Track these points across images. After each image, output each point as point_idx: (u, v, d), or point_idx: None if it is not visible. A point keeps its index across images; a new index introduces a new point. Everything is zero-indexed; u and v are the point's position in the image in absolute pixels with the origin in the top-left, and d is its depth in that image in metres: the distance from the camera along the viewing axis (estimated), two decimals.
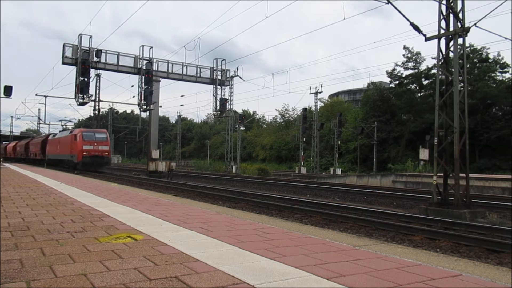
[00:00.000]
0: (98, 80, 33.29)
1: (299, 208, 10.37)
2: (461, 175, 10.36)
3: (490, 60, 43.24)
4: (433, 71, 41.75)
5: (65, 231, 3.84)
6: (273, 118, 77.93)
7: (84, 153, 29.19)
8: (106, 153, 30.73)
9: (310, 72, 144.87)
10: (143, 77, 29.77)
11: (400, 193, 15.67)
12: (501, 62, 42.93)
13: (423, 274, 2.68)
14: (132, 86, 35.93)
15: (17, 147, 55.21)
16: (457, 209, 9.87)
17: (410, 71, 48.58)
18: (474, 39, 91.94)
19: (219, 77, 33.78)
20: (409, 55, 48.16)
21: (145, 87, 29.66)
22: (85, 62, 27.38)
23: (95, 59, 27.95)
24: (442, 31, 10.85)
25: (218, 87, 33.83)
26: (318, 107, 48.53)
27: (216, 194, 14.08)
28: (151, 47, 30.52)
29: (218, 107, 34.30)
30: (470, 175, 11.39)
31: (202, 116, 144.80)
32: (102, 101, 43.08)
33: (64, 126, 44.67)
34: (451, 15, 10.66)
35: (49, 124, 59.64)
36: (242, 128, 54.79)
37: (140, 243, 3.40)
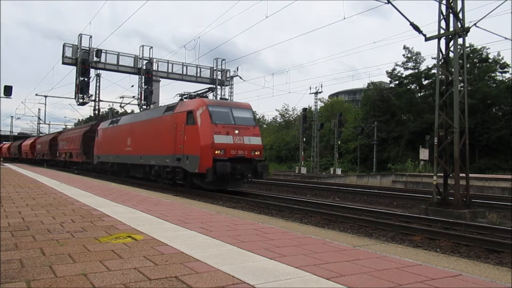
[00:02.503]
0: (98, 80, 33.32)
1: (299, 208, 10.37)
2: (461, 175, 10.36)
3: (490, 60, 43.26)
4: (433, 71, 41.75)
5: (65, 231, 3.84)
6: (273, 118, 78.05)
7: (216, 152, 13.34)
8: (257, 152, 14.36)
9: (309, 72, 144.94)
10: (143, 77, 29.84)
11: (400, 193, 15.67)
12: (501, 62, 42.96)
13: (423, 274, 2.68)
14: (132, 86, 35.95)
15: (36, 145, 42.31)
16: (457, 209, 9.86)
17: (410, 71, 48.61)
18: (474, 39, 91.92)
19: (219, 77, 33.84)
20: (409, 55, 48.20)
21: (145, 87, 29.72)
22: (85, 62, 27.44)
23: (95, 59, 28.02)
24: (442, 31, 10.85)
25: (218, 87, 33.87)
26: (318, 107, 48.58)
27: (216, 194, 14.08)
28: (151, 47, 30.63)
29: None
30: (470, 175, 11.38)
31: None
32: (102, 101, 41.89)
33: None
34: (451, 15, 10.66)
35: (49, 124, 59.26)
36: None
37: (140, 243, 3.40)
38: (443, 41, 10.98)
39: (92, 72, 29.21)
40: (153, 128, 16.92)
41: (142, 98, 29.84)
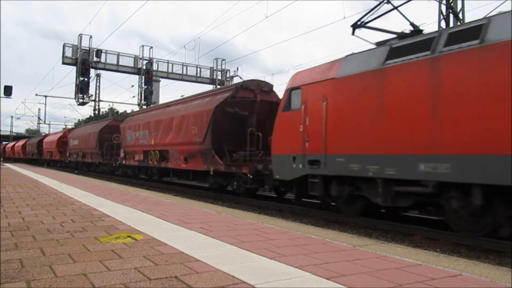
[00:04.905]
0: (98, 80, 33.30)
1: (299, 208, 10.36)
2: None
3: None
4: None
5: (65, 231, 3.84)
6: None
7: None
8: None
9: None
10: (143, 77, 29.87)
11: None
12: None
13: (423, 274, 2.68)
14: (132, 86, 35.84)
15: (70, 140, 27.69)
16: None
17: None
18: None
19: (219, 77, 33.85)
20: None
21: (145, 87, 29.76)
22: (85, 62, 27.48)
23: (95, 59, 28.05)
24: None
25: (218, 87, 33.90)
26: None
27: (216, 194, 14.07)
28: (151, 47, 30.66)
29: None
30: None
31: None
32: (102, 101, 41.76)
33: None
34: (451, 15, 10.67)
35: (49, 124, 58.98)
36: None
37: (140, 243, 3.40)
38: None
39: (92, 72, 29.28)
40: None
41: (142, 98, 29.88)
